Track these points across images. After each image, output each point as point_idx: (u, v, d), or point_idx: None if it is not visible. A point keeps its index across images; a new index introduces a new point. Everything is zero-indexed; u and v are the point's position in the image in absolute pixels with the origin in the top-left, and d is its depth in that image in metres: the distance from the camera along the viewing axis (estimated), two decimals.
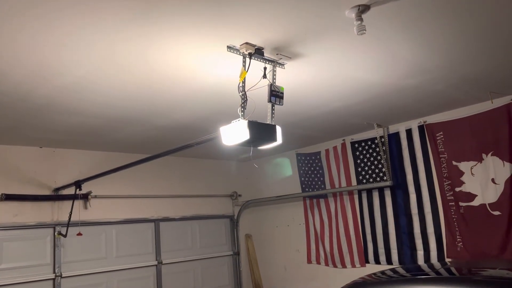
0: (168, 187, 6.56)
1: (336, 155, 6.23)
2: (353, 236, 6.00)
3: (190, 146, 3.69)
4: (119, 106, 4.00)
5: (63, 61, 2.93)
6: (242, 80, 2.85)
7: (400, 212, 5.48)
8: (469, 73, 3.78)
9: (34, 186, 5.29)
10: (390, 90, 4.11)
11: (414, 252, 5.31)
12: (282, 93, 3.03)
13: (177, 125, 4.78)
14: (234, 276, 7.24)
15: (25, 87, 3.35)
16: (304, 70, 3.39)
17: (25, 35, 2.53)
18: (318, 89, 3.92)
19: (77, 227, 5.35)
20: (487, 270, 3.67)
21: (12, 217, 5.05)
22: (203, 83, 3.54)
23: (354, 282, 3.74)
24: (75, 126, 4.56)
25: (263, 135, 2.86)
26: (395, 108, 4.79)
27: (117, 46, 2.77)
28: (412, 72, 3.64)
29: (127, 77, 3.31)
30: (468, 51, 3.27)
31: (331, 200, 6.30)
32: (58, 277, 5.25)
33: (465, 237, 4.85)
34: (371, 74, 3.61)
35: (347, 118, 5.08)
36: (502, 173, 4.59)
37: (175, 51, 2.90)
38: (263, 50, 2.89)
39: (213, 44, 2.80)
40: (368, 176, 5.82)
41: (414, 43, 3.04)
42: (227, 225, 7.37)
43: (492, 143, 4.67)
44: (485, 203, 4.72)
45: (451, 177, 4.99)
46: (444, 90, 4.22)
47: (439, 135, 5.10)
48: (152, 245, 6.27)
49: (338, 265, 6.13)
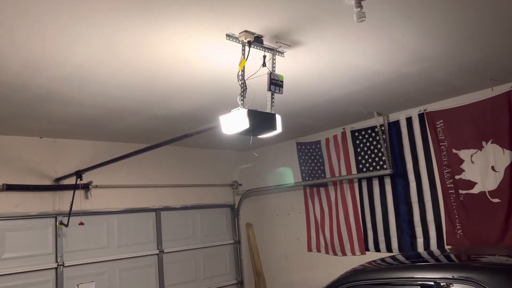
0: (169, 177, 6.58)
1: (336, 144, 6.23)
2: (353, 224, 6.02)
3: (190, 135, 3.69)
4: (118, 96, 3.99)
5: (61, 51, 2.92)
6: (241, 68, 2.84)
7: (400, 200, 5.49)
8: (469, 60, 3.76)
9: (35, 176, 5.31)
10: (390, 78, 4.09)
11: (414, 239, 5.33)
12: (282, 82, 3.02)
13: (176, 115, 4.77)
14: (235, 264, 7.29)
15: (23, 78, 3.34)
16: (303, 58, 3.37)
17: (23, 25, 2.52)
18: (318, 78, 3.90)
19: (79, 216, 5.38)
20: (486, 257, 3.70)
21: (13, 207, 5.08)
22: (202, 72, 3.52)
23: (354, 269, 3.77)
24: (75, 116, 4.56)
25: (263, 123, 2.86)
26: (395, 96, 4.78)
27: (115, 36, 2.76)
28: (413, 60, 3.63)
29: (126, 67, 3.30)
30: (468, 38, 3.26)
31: (331, 189, 6.32)
32: (61, 266, 5.29)
33: (465, 225, 4.87)
34: (371, 62, 3.59)
35: (347, 107, 5.07)
36: (502, 161, 4.59)
37: (173, 40, 2.88)
38: (263, 38, 2.88)
39: (212, 32, 2.78)
40: (368, 164, 5.83)
41: (414, 30, 3.03)
42: (228, 214, 7.40)
43: (492, 130, 4.67)
44: (484, 191, 4.73)
45: (451, 165, 5.00)
46: (444, 78, 4.21)
47: (439, 123, 5.09)
48: (153, 234, 6.31)
49: (338, 253, 6.17)
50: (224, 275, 7.10)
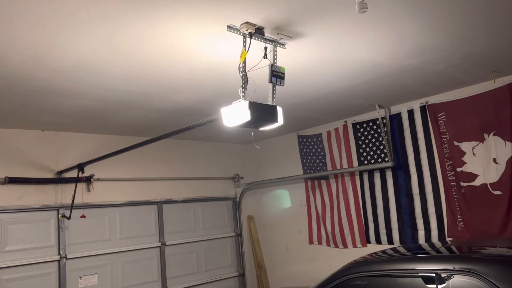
0: (170, 170, 6.59)
1: (337, 137, 6.23)
2: (355, 216, 6.04)
3: (191, 128, 3.69)
4: (119, 89, 3.99)
5: (61, 44, 2.91)
6: (242, 60, 2.83)
7: (402, 193, 5.50)
8: (471, 52, 3.75)
9: (37, 169, 5.32)
10: (392, 71, 4.08)
11: (415, 232, 5.34)
12: (283, 74, 3.01)
13: (178, 108, 4.77)
14: (237, 257, 7.33)
15: (24, 71, 3.34)
16: (305, 50, 3.36)
17: (22, 19, 2.51)
18: (320, 70, 3.89)
19: (81, 209, 5.39)
20: (487, 249, 3.70)
21: (16, 200, 5.10)
22: (203, 64, 3.52)
23: (355, 261, 3.79)
24: (76, 109, 4.56)
25: (264, 116, 2.85)
26: (397, 89, 4.76)
27: (115, 29, 2.75)
28: (415, 52, 3.61)
29: (127, 60, 3.29)
30: (470, 30, 3.24)
31: (333, 181, 6.33)
32: (63, 258, 5.32)
33: (466, 217, 4.88)
34: (373, 54, 3.58)
35: (349, 99, 5.06)
36: (504, 153, 4.59)
37: (174, 33, 2.87)
38: (264, 29, 2.86)
39: (213, 24, 2.77)
40: (369, 157, 5.83)
41: (416, 23, 3.01)
42: (230, 207, 7.42)
43: (494, 123, 4.66)
44: (486, 183, 4.73)
45: (453, 157, 5.00)
46: (446, 70, 4.19)
47: (441, 115, 5.08)
48: (155, 227, 6.33)
49: (340, 246, 6.19)
50: (226, 267, 7.14)
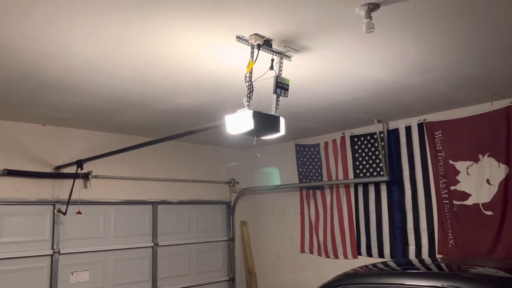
0: (167, 171, 6.63)
1: (335, 148, 6.30)
2: (347, 228, 6.09)
3: (194, 132, 3.74)
4: (124, 89, 4.04)
5: (71, 43, 2.97)
6: (249, 70, 2.89)
7: (395, 207, 5.57)
8: (471, 74, 3.84)
9: (35, 163, 5.35)
10: (393, 87, 4.16)
11: (406, 246, 5.41)
12: (288, 85, 3.08)
13: (180, 111, 4.83)
14: (228, 261, 7.36)
15: (33, 66, 3.39)
16: (310, 63, 3.43)
17: (34, 16, 2.57)
18: (323, 83, 3.97)
19: (77, 205, 5.42)
20: (476, 268, 3.76)
21: (13, 193, 5.12)
22: (210, 71, 3.58)
23: (345, 273, 3.83)
24: (80, 106, 4.60)
25: (267, 125, 2.91)
26: (396, 105, 4.85)
27: (124, 32, 2.81)
28: (416, 70, 3.70)
29: (134, 62, 3.35)
30: (471, 52, 3.32)
31: (327, 192, 6.39)
32: (56, 253, 5.34)
33: (457, 235, 4.95)
34: (376, 70, 3.66)
35: (349, 112, 5.13)
36: (497, 174, 4.67)
37: (183, 39, 2.93)
38: (272, 41, 2.94)
39: (223, 33, 2.84)
40: (365, 170, 5.90)
41: (419, 43, 3.09)
42: (224, 211, 7.46)
43: (489, 144, 4.74)
44: (478, 203, 4.81)
45: (447, 175, 5.08)
46: (446, 89, 4.28)
47: (438, 133, 5.17)
48: (149, 227, 6.37)
49: (331, 256, 6.24)
50: (216, 271, 7.17)
